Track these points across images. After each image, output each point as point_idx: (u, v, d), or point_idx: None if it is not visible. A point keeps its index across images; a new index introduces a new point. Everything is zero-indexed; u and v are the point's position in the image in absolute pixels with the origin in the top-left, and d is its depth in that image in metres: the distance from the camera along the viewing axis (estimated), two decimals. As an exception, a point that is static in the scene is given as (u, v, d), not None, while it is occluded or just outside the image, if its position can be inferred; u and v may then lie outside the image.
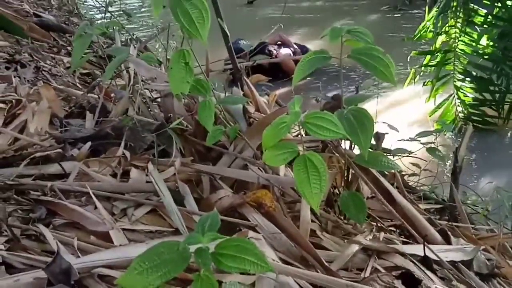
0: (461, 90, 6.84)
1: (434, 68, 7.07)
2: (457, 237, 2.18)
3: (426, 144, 3.05)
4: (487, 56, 6.75)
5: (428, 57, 7.16)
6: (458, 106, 6.87)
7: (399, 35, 9.49)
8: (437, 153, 2.98)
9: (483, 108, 6.84)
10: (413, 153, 2.94)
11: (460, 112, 6.87)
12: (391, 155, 2.66)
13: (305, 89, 6.69)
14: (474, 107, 6.86)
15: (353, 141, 1.89)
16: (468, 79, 6.84)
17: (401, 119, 6.38)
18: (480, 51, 6.76)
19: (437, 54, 6.98)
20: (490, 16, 6.70)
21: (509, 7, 6.57)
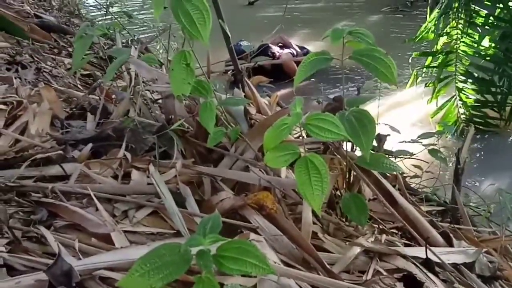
0: (463, 91, 6.84)
1: (435, 69, 7.07)
2: (459, 239, 2.17)
3: (428, 146, 3.04)
4: (489, 58, 6.75)
5: (430, 58, 7.17)
6: (460, 107, 6.86)
7: (401, 36, 9.49)
8: (439, 155, 2.97)
9: (485, 110, 6.85)
10: (415, 155, 2.94)
11: (462, 113, 6.86)
12: (393, 156, 2.66)
13: (307, 91, 6.69)
14: (476, 109, 6.86)
15: (355, 142, 1.89)
16: (470, 80, 6.84)
17: (402, 121, 6.37)
18: (482, 53, 6.76)
19: (438, 56, 6.98)
20: (491, 17, 6.71)
21: (511, 8, 6.57)
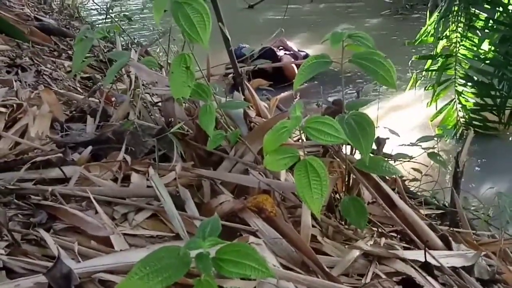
0: (462, 95, 6.85)
1: (435, 72, 7.07)
2: (458, 242, 2.17)
3: (427, 149, 3.04)
4: (489, 61, 6.76)
5: (429, 61, 7.18)
6: (459, 111, 6.87)
7: (400, 39, 9.50)
8: (438, 158, 2.97)
9: (484, 113, 6.85)
10: (414, 158, 2.94)
11: (462, 117, 6.87)
12: (392, 160, 2.66)
13: (307, 94, 6.68)
14: (475, 112, 6.87)
15: (354, 146, 1.89)
16: (470, 84, 6.85)
17: (402, 124, 6.37)
18: (481, 56, 6.77)
19: (438, 59, 6.98)
20: (491, 21, 6.72)
21: (511, 12, 6.59)
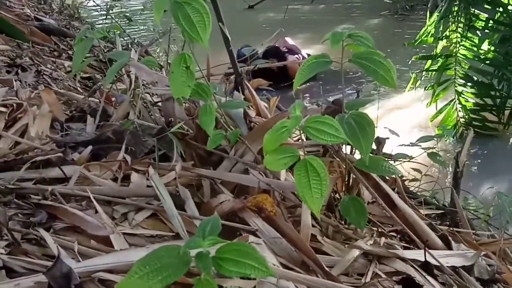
0: (462, 95, 6.85)
1: (435, 73, 7.07)
2: (458, 242, 2.17)
3: (427, 149, 3.05)
4: (489, 61, 6.76)
5: (429, 61, 7.18)
6: (459, 111, 6.87)
7: (400, 39, 9.50)
8: (438, 158, 2.98)
9: (484, 113, 6.85)
10: (414, 158, 2.94)
11: (461, 117, 6.87)
12: (392, 160, 2.66)
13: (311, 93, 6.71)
14: (475, 112, 6.87)
15: (354, 145, 1.89)
16: (469, 84, 6.85)
17: (402, 124, 6.38)
18: (481, 56, 6.77)
19: (438, 59, 6.98)
20: (491, 21, 6.72)
21: (510, 12, 6.59)
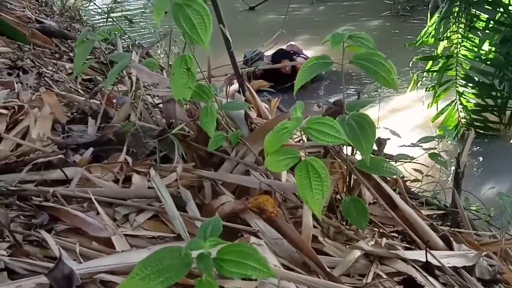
0: (463, 95, 6.85)
1: (436, 73, 7.08)
2: (459, 243, 2.17)
3: (428, 150, 3.05)
4: (490, 62, 6.76)
5: (430, 62, 7.18)
6: (461, 111, 6.87)
7: (401, 40, 9.50)
8: (439, 158, 2.98)
9: (485, 114, 6.85)
10: (415, 158, 2.94)
11: (463, 117, 6.87)
12: (393, 160, 2.66)
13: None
14: (476, 113, 6.87)
15: (355, 146, 1.89)
16: (471, 84, 6.85)
17: (403, 125, 6.39)
18: (482, 57, 6.77)
19: (439, 60, 6.99)
20: (492, 22, 6.72)
21: (511, 12, 6.59)
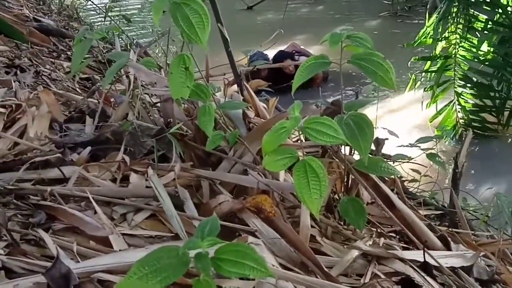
0: (461, 96, 6.85)
1: (434, 74, 7.08)
2: (457, 243, 2.17)
3: (426, 150, 3.05)
4: (488, 62, 6.77)
5: (429, 63, 7.18)
6: (459, 112, 6.87)
7: (399, 41, 9.50)
8: (437, 159, 2.98)
9: (483, 114, 6.86)
10: (413, 159, 2.94)
11: (461, 118, 6.87)
12: (391, 160, 2.66)
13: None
14: (474, 113, 6.87)
15: (353, 146, 1.89)
16: (469, 85, 6.85)
17: (401, 125, 6.39)
18: (480, 57, 6.78)
19: (437, 60, 6.99)
20: (490, 22, 6.73)
21: (510, 13, 6.60)
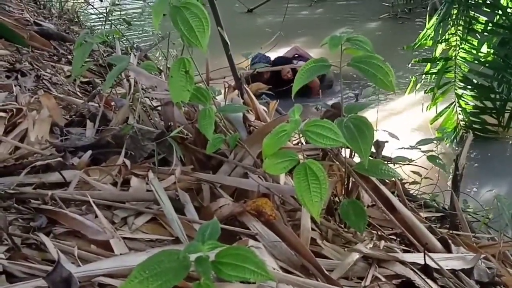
0: (462, 98, 6.85)
1: (435, 76, 7.08)
2: (457, 245, 2.18)
3: (426, 152, 3.05)
4: (488, 64, 6.77)
5: (429, 64, 7.18)
6: (459, 114, 6.87)
7: (400, 43, 9.50)
8: (437, 161, 2.98)
9: (484, 116, 6.86)
10: (414, 161, 2.95)
11: (461, 120, 6.87)
12: (392, 163, 2.66)
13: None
14: (475, 115, 6.87)
15: (353, 149, 1.89)
16: (469, 87, 6.86)
17: (402, 127, 6.39)
18: (481, 59, 6.78)
19: (438, 62, 6.99)
20: (490, 24, 6.73)
21: (510, 15, 6.60)
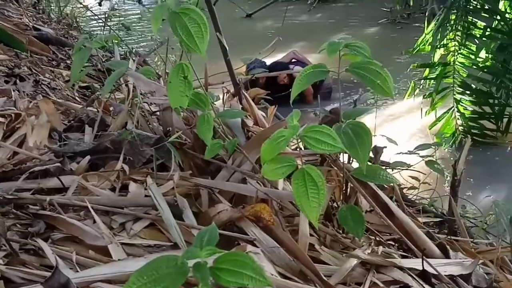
0: (460, 103, 6.86)
1: (433, 81, 7.09)
2: (455, 251, 2.17)
3: (425, 157, 3.05)
4: (487, 69, 6.77)
5: (428, 70, 7.18)
6: (458, 119, 6.87)
7: (398, 48, 9.51)
8: (436, 166, 2.98)
9: (482, 121, 6.86)
10: (412, 166, 2.94)
11: (460, 125, 6.87)
12: (390, 168, 2.66)
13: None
14: (473, 120, 6.88)
15: (351, 154, 1.90)
16: (468, 92, 6.86)
17: (400, 132, 6.39)
18: (479, 64, 6.79)
19: (436, 67, 7.00)
20: (489, 29, 6.74)
21: (508, 20, 6.61)
